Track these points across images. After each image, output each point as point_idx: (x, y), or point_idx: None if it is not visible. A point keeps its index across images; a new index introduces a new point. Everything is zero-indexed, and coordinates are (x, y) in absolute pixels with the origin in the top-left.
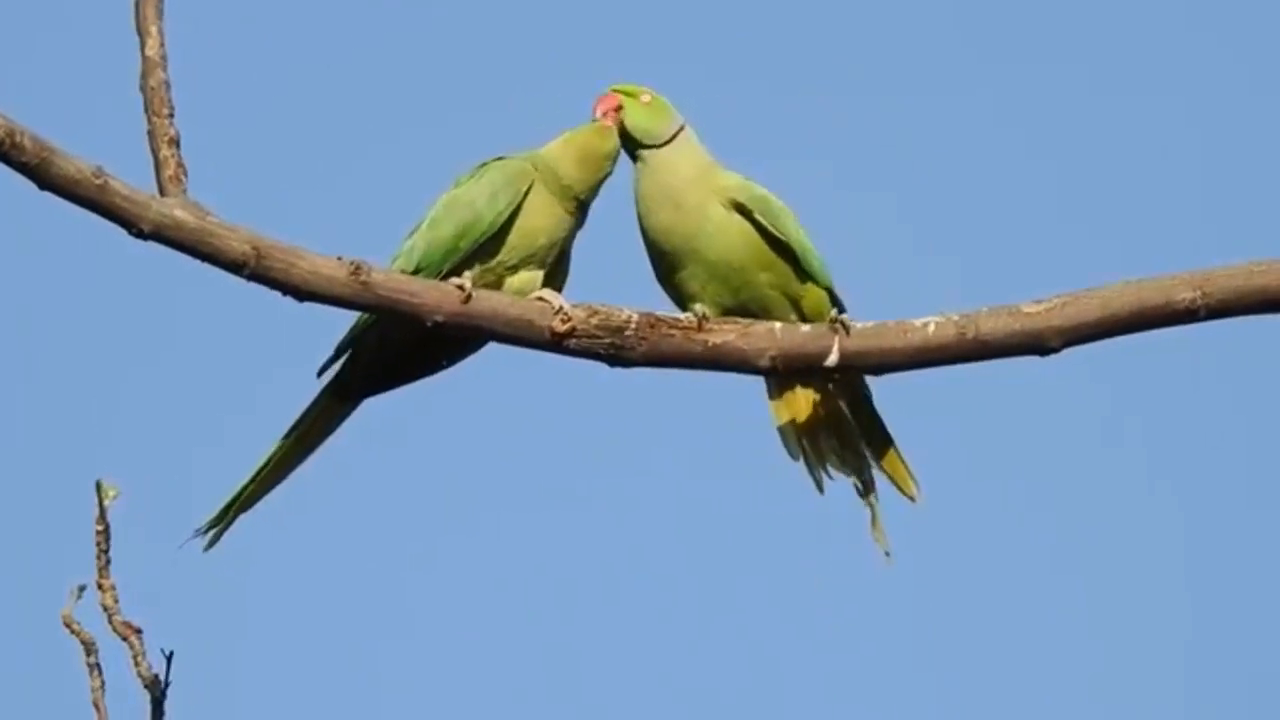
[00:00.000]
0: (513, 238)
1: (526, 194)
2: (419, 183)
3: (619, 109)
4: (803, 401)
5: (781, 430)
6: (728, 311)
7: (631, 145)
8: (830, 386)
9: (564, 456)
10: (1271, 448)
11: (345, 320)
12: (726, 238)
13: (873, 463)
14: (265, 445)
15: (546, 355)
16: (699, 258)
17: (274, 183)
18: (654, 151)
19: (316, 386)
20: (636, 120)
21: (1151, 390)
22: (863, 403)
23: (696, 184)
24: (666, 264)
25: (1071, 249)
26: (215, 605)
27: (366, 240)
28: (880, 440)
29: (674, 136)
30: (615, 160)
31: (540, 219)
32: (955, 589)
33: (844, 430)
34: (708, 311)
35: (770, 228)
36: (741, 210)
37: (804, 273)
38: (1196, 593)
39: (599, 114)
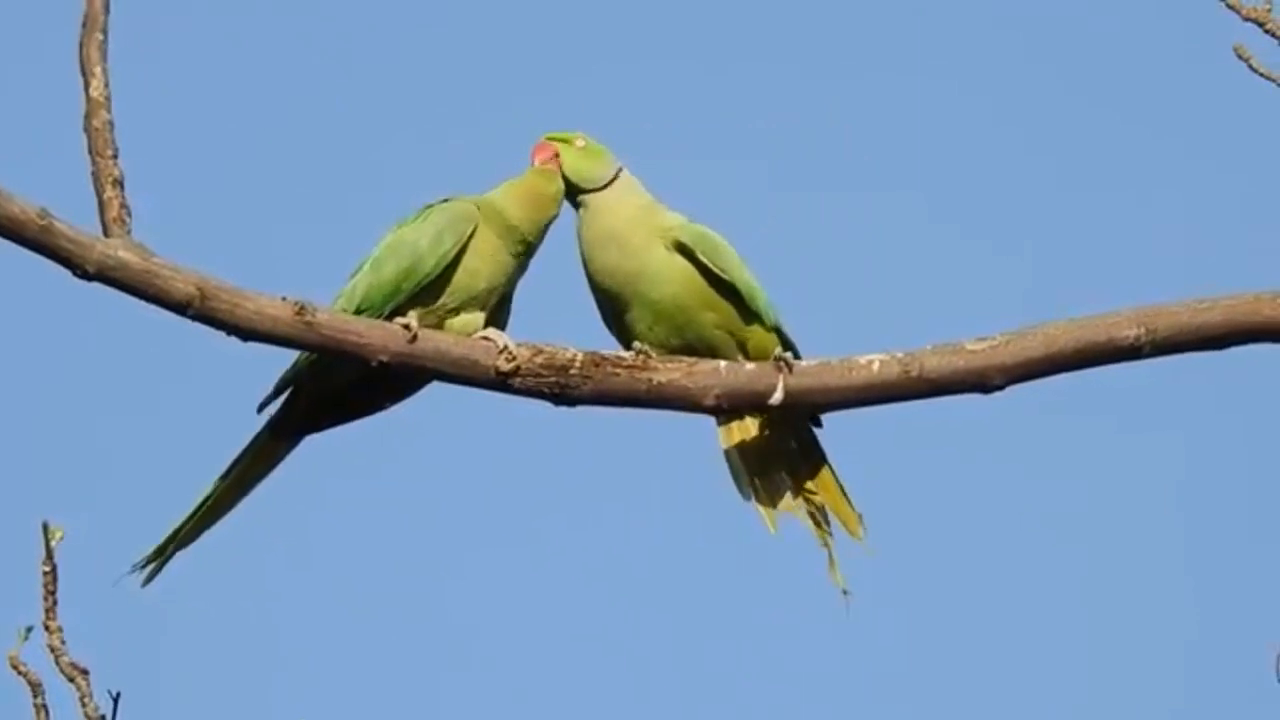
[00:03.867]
0: (456, 280)
1: (471, 236)
2: (363, 224)
3: (556, 156)
4: (752, 429)
5: (732, 467)
6: (674, 352)
7: (572, 191)
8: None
9: (509, 495)
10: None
11: (288, 358)
12: (669, 277)
13: (819, 500)
14: (208, 482)
15: (491, 394)
16: (643, 299)
17: (219, 222)
18: (594, 195)
19: (259, 423)
20: (573, 166)
21: (1093, 426)
22: (807, 436)
23: (638, 225)
24: (612, 306)
25: (1015, 285)
26: (161, 646)
27: (312, 280)
28: (825, 477)
29: (613, 180)
30: (560, 203)
31: (483, 262)
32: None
33: (795, 465)
34: (652, 352)
35: (712, 266)
36: (683, 250)
37: (750, 312)
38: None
39: (538, 162)
